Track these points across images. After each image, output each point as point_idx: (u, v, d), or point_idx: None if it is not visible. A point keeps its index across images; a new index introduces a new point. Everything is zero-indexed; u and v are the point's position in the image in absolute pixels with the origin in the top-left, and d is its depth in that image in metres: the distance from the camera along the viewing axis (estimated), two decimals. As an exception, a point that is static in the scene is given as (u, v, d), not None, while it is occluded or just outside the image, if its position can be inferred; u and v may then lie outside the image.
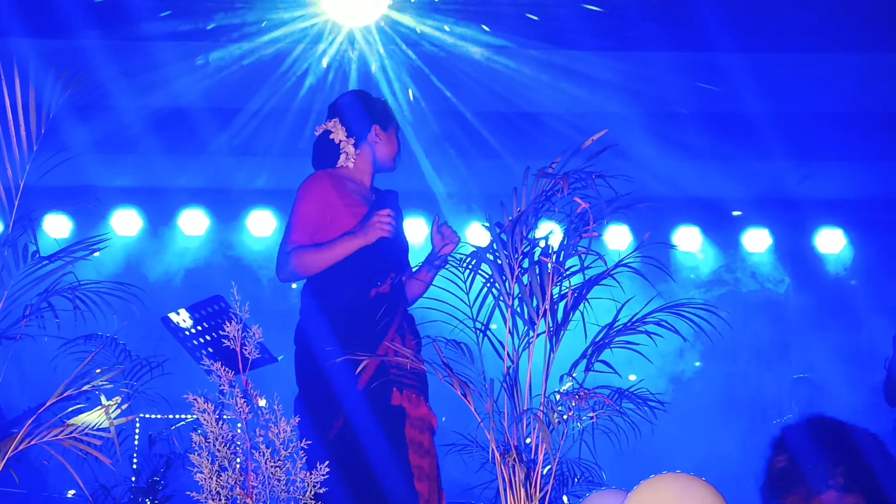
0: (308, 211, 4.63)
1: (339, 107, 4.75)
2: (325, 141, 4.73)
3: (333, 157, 4.72)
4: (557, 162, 4.02)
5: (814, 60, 7.52)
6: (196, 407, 3.52)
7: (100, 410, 3.91)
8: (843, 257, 9.65)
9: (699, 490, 3.69)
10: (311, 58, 7.37)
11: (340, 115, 4.71)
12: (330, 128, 4.71)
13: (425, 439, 4.65)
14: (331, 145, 4.71)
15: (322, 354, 4.41)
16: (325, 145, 4.73)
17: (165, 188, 9.30)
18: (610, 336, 4.07)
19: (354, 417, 4.39)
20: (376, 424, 4.46)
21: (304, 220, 4.62)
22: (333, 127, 4.69)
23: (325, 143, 4.72)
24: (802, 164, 8.71)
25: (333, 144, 4.70)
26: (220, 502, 3.43)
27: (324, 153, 4.75)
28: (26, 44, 6.66)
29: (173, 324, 5.88)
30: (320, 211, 4.62)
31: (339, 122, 4.70)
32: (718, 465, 8.14)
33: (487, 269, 4.17)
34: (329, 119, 4.74)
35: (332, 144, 4.70)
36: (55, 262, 4.09)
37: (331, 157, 4.72)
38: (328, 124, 4.72)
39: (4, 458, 3.72)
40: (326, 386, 4.40)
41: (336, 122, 4.71)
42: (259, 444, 3.54)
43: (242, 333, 3.75)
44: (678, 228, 9.58)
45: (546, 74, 7.54)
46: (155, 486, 5.90)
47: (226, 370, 3.66)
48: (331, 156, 4.72)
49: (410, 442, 4.57)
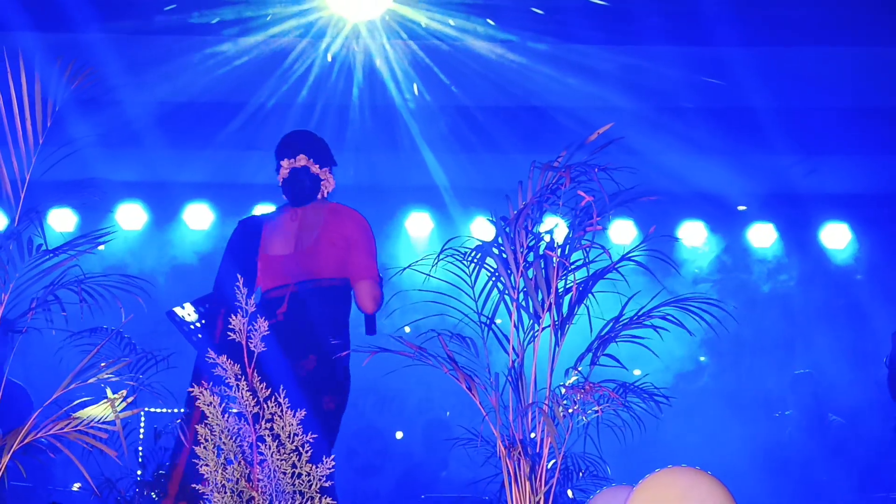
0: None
1: (298, 142, 5.03)
2: (307, 174, 4.96)
3: (316, 189, 5.01)
4: (563, 156, 4.02)
5: (819, 54, 7.51)
6: (201, 399, 3.53)
7: (105, 404, 3.92)
8: (848, 252, 9.64)
9: (705, 484, 3.70)
10: (316, 52, 7.38)
11: (306, 151, 4.99)
12: (306, 163, 4.96)
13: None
14: (314, 179, 4.98)
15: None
16: (310, 179, 4.97)
17: (170, 182, 9.30)
18: (616, 330, 4.07)
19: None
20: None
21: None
22: (307, 162, 4.97)
23: (309, 177, 4.97)
24: (808, 158, 8.70)
25: (314, 177, 4.97)
26: (225, 495, 3.44)
27: (312, 186, 4.99)
28: (32, 37, 6.66)
29: (178, 318, 5.88)
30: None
31: (308, 157, 4.98)
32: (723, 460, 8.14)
33: (492, 262, 4.17)
34: (294, 155, 4.98)
35: (313, 178, 4.97)
36: (61, 255, 4.09)
37: (315, 189, 5.01)
38: (299, 160, 4.96)
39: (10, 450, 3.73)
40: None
41: (305, 157, 4.99)
42: (265, 437, 3.55)
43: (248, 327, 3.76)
44: (683, 223, 9.57)
45: (551, 69, 7.54)
46: (160, 480, 5.91)
47: (231, 363, 3.67)
48: (315, 188, 5.01)
49: None
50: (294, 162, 4.98)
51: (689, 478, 3.75)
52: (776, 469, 9.03)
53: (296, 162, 4.97)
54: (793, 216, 9.65)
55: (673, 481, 3.76)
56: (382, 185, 9.15)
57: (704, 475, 3.76)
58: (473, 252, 4.14)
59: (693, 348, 9.38)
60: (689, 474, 3.77)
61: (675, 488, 3.72)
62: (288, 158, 5.00)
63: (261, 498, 3.46)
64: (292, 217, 5.01)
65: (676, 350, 9.04)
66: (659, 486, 3.76)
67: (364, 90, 7.76)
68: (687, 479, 3.75)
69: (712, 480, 3.76)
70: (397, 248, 9.73)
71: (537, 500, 3.98)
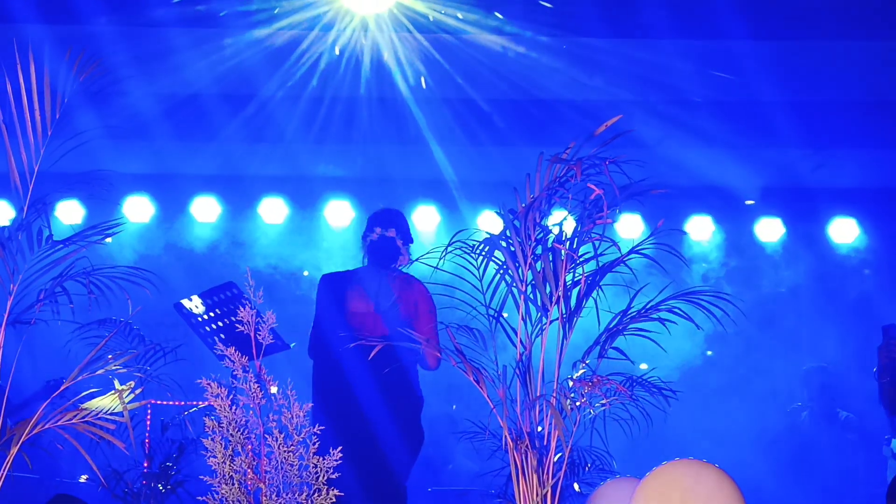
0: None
1: (394, 218, 5.82)
2: (393, 244, 5.73)
3: (395, 258, 5.75)
4: (571, 148, 4.02)
5: (828, 48, 7.48)
6: (209, 391, 3.54)
7: (113, 395, 3.92)
8: (856, 246, 9.61)
9: (712, 476, 3.70)
10: (324, 45, 7.36)
11: (398, 227, 5.77)
12: (394, 236, 5.73)
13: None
14: (397, 250, 5.74)
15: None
16: (395, 249, 5.74)
17: (178, 175, 9.30)
18: (623, 323, 4.07)
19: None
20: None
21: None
22: (395, 235, 5.74)
23: (394, 247, 5.74)
24: (816, 152, 8.67)
25: (397, 248, 5.73)
26: (233, 486, 3.44)
27: (394, 255, 5.75)
28: (40, 30, 6.66)
29: (186, 310, 5.89)
30: None
31: (397, 232, 5.76)
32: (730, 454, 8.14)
33: (500, 255, 4.17)
34: (387, 227, 5.74)
35: (397, 249, 5.73)
36: (70, 247, 4.10)
37: (395, 258, 5.76)
38: (390, 231, 5.73)
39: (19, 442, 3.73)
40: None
41: (395, 231, 5.76)
42: (272, 429, 3.56)
43: (256, 319, 3.76)
44: (691, 218, 9.55)
45: (559, 62, 7.52)
46: (167, 472, 5.92)
47: (239, 355, 3.68)
48: (395, 257, 5.75)
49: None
50: (386, 231, 5.70)
51: (696, 470, 3.75)
52: (784, 463, 9.03)
53: (387, 232, 5.70)
54: (801, 210, 9.62)
55: (680, 474, 3.75)
56: (389, 178, 9.14)
57: (711, 468, 3.76)
58: (481, 245, 4.14)
59: (700, 343, 9.37)
60: (696, 467, 3.76)
61: (682, 481, 3.72)
62: (381, 227, 5.72)
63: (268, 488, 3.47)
64: (371, 279, 5.70)
65: (684, 344, 9.03)
66: (665, 478, 3.76)
67: (372, 83, 7.75)
68: (694, 472, 3.74)
69: (719, 473, 3.76)
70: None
71: (544, 492, 3.98)
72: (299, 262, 9.89)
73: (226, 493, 3.49)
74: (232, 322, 5.43)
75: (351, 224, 9.59)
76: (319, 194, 9.51)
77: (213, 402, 3.60)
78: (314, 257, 9.88)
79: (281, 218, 9.59)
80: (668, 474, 3.77)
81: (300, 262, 9.90)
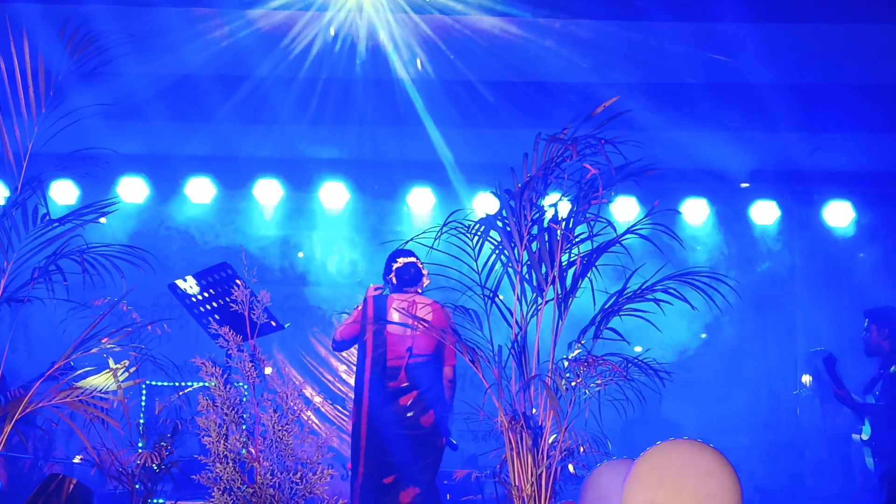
0: None
1: (415, 254, 6.49)
2: (417, 269, 6.41)
3: (419, 281, 6.41)
4: (568, 129, 4.01)
5: (824, 31, 7.45)
6: (204, 370, 3.53)
7: (108, 373, 3.92)
8: (851, 230, 9.62)
9: (706, 456, 3.70)
10: (319, 25, 7.33)
11: (417, 257, 6.44)
12: (416, 261, 6.43)
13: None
14: (420, 273, 6.41)
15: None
16: (419, 273, 6.42)
17: (172, 155, 9.27)
18: (619, 304, 4.06)
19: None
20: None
21: None
22: (417, 261, 6.43)
23: (419, 272, 6.42)
24: (811, 136, 8.66)
25: (420, 272, 6.40)
26: (227, 465, 3.44)
27: (418, 279, 6.43)
28: (34, 8, 6.63)
29: (180, 290, 5.88)
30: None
31: (417, 259, 6.44)
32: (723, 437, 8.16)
33: (496, 236, 4.16)
34: (409, 256, 6.41)
35: (420, 272, 6.40)
36: (65, 225, 4.08)
37: (418, 281, 6.42)
38: (411, 258, 6.42)
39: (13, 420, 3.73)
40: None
41: (415, 258, 6.45)
42: (266, 408, 3.55)
43: (250, 299, 3.76)
44: (686, 200, 9.55)
45: (555, 44, 7.49)
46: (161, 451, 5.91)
47: (234, 335, 3.67)
48: (419, 280, 6.42)
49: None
50: (409, 259, 6.44)
51: (691, 449, 3.75)
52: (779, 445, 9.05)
53: (410, 258, 6.44)
54: (796, 193, 9.63)
55: (675, 453, 3.76)
56: (385, 159, 9.13)
57: (706, 447, 3.76)
58: (477, 225, 4.13)
59: (695, 325, 9.38)
60: (691, 446, 3.77)
61: (676, 460, 3.72)
62: (405, 257, 6.44)
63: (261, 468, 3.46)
64: (400, 302, 6.34)
65: (678, 326, 9.04)
66: (661, 457, 3.76)
67: (367, 64, 7.72)
68: (689, 451, 3.75)
69: (714, 453, 3.76)
70: (399, 224, 9.72)
71: (539, 473, 3.98)
72: (294, 244, 9.89)
73: (220, 472, 3.49)
74: (227, 302, 5.43)
75: (346, 206, 9.59)
76: (314, 176, 9.50)
77: (207, 381, 3.59)
78: (309, 238, 9.88)
79: (276, 199, 9.58)
80: (664, 453, 3.77)
81: (295, 244, 9.90)
